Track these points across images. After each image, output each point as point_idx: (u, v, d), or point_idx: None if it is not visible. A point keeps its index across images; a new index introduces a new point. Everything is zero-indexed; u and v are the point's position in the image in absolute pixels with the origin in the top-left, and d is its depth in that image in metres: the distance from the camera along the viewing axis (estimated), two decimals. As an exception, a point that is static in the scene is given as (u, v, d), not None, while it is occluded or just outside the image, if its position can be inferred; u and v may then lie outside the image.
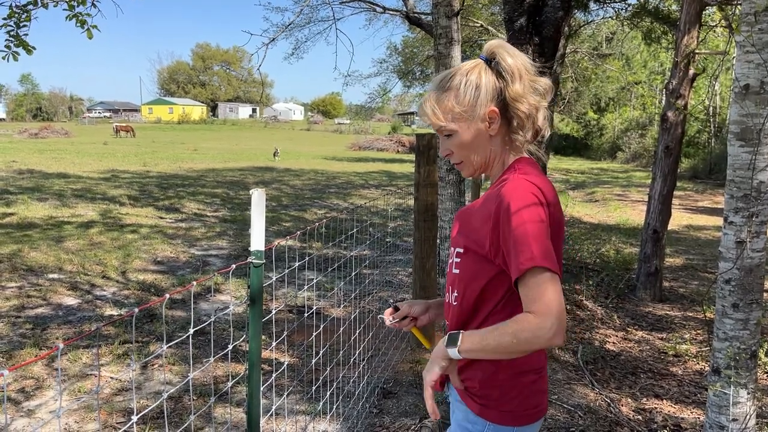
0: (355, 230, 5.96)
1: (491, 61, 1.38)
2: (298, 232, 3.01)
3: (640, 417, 3.64)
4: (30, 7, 3.64)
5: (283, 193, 14.05)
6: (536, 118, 1.38)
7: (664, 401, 3.90)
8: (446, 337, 1.36)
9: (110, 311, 5.20)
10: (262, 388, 1.79)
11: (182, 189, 13.71)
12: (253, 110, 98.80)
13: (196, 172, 18.05)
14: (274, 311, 2.91)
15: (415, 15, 7.79)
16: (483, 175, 1.51)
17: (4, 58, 3.69)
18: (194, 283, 1.51)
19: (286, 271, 4.84)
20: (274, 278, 6.26)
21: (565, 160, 31.31)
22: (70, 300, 5.44)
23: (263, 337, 4.57)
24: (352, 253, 6.63)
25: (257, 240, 1.59)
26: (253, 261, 1.60)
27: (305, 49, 13.45)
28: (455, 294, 1.46)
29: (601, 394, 3.92)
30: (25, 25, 3.69)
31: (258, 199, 1.57)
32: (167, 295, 1.36)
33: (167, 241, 8.01)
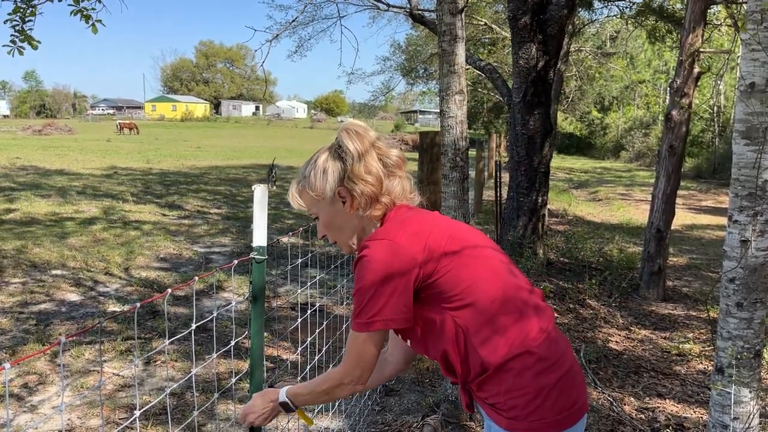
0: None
1: (335, 150, 1.47)
2: (301, 229, 3.02)
3: (642, 416, 3.63)
4: (35, 1, 3.64)
5: (287, 191, 14.01)
6: (379, 194, 1.44)
7: (667, 400, 3.90)
8: (280, 405, 1.55)
9: (113, 308, 5.20)
10: (264, 385, 1.79)
11: (185, 186, 13.72)
12: (257, 108, 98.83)
13: (199, 169, 18.06)
14: (276, 308, 2.91)
15: (419, 12, 7.78)
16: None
17: (9, 53, 3.70)
18: (196, 278, 1.51)
19: (289, 267, 4.85)
20: (275, 275, 6.26)
21: (568, 159, 31.26)
22: (73, 296, 5.45)
23: (265, 334, 4.57)
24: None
25: (260, 236, 1.59)
26: (256, 257, 1.60)
27: (308, 47, 13.48)
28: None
29: (603, 393, 3.91)
30: (30, 20, 3.69)
31: (260, 195, 1.57)
32: (169, 290, 1.36)
33: (170, 238, 8.01)
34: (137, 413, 1.38)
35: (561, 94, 12.45)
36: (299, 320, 2.62)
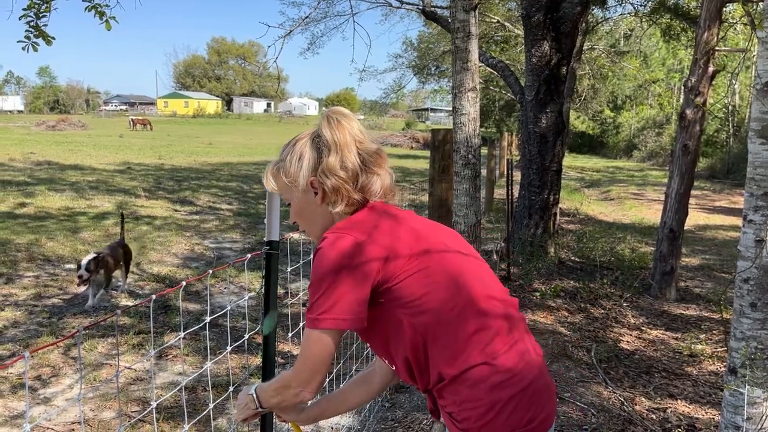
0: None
1: (314, 137, 1.41)
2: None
3: (654, 416, 3.61)
4: (49, -3, 3.68)
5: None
6: (352, 191, 1.37)
7: (679, 401, 3.87)
8: (249, 396, 1.51)
9: (125, 302, 5.24)
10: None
11: (196, 182, 13.79)
12: (268, 105, 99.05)
13: (211, 165, 18.14)
14: (288, 304, 2.92)
15: (432, 10, 7.76)
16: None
17: (24, 48, 3.73)
18: (210, 271, 1.52)
19: (301, 263, 4.85)
20: (288, 270, 6.27)
21: (579, 158, 31.08)
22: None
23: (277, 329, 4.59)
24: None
25: (273, 231, 1.60)
26: (269, 251, 1.61)
27: (321, 44, 13.49)
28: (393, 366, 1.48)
29: (614, 392, 3.90)
30: (44, 16, 3.72)
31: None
32: (183, 283, 1.37)
33: (181, 234, 8.06)
34: (153, 404, 1.39)
35: (573, 93, 12.39)
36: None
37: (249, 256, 1.69)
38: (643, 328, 5.30)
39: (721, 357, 4.64)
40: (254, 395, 1.49)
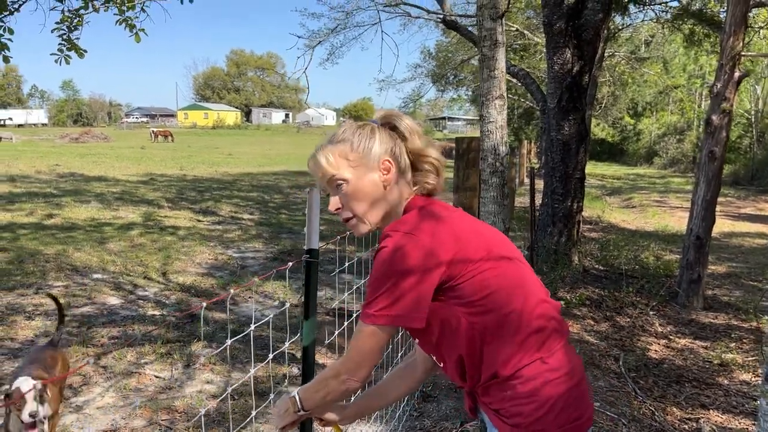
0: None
1: (385, 123, 1.44)
2: (338, 237, 3.03)
3: (686, 426, 3.56)
4: (82, 11, 3.76)
5: (317, 197, 14.14)
6: (409, 176, 1.45)
7: (711, 411, 3.81)
8: (290, 399, 1.52)
9: (152, 311, 5.30)
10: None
11: (218, 192, 13.91)
12: (286, 116, 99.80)
13: (232, 176, 18.31)
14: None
15: (452, 19, 7.79)
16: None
17: (56, 61, 3.82)
18: (255, 279, 1.54)
19: (336, 272, 4.87)
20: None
21: (600, 165, 30.83)
22: (114, 299, 5.57)
23: (301, 338, 4.61)
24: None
25: (313, 239, 1.61)
26: (309, 260, 1.62)
27: (340, 54, 13.59)
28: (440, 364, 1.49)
29: (644, 402, 3.84)
30: (76, 29, 3.81)
31: (314, 198, 1.59)
32: (231, 291, 1.38)
33: (205, 243, 8.14)
34: (202, 411, 1.41)
35: (594, 100, 12.31)
36: (345, 326, 2.64)
37: (290, 264, 1.70)
38: (671, 337, 5.22)
39: (752, 366, 4.55)
40: (297, 397, 1.50)
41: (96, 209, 10.47)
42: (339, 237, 2.80)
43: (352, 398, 1.60)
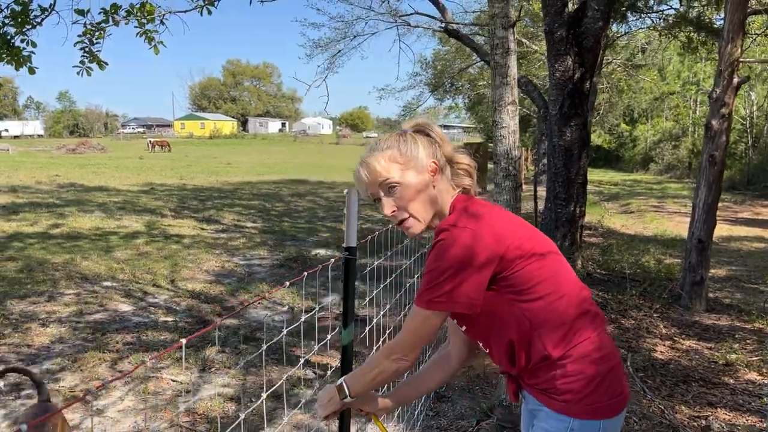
0: (402, 244, 6.04)
1: (418, 131, 1.55)
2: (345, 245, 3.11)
3: (695, 424, 3.63)
4: (103, 24, 3.85)
5: (318, 205, 14.24)
6: (450, 178, 1.57)
7: (719, 409, 3.89)
8: (336, 388, 1.61)
9: (164, 318, 5.36)
10: (312, 391, 1.87)
11: (219, 201, 13.98)
12: (283, 125, 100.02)
13: (232, 185, 18.37)
14: (322, 318, 3.01)
15: (454, 28, 7.91)
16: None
17: (78, 73, 3.91)
18: (287, 283, 1.61)
19: (367, 279, 4.94)
20: (317, 286, 6.38)
21: (596, 171, 31.01)
22: (125, 306, 5.63)
23: (311, 343, 4.68)
24: (405, 263, 6.70)
25: (351, 237, 1.69)
26: (348, 257, 1.70)
27: (340, 64, 13.72)
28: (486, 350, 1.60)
29: (653, 401, 3.92)
30: (98, 42, 3.90)
31: (352, 198, 1.67)
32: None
33: (210, 251, 8.20)
34: (242, 415, 1.48)
35: (593, 107, 12.44)
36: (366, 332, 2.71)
37: (306, 274, 1.78)
38: (675, 339, 5.30)
39: (757, 366, 4.64)
40: (344, 384, 1.60)
41: (100, 218, 10.52)
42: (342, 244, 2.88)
43: (391, 387, 1.67)
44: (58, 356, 4.34)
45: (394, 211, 1.51)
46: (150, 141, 43.22)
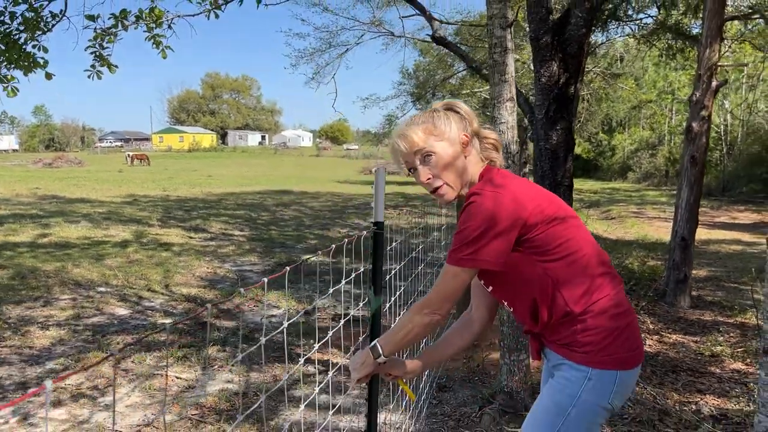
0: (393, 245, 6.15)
1: (448, 109, 1.69)
2: (333, 246, 3.22)
3: (686, 408, 3.78)
4: (113, 29, 3.92)
5: (304, 214, 14.30)
6: (480, 149, 1.70)
7: (707, 395, 4.05)
8: (370, 349, 1.71)
9: (162, 320, 5.40)
10: (320, 387, 1.96)
11: (205, 211, 13.97)
12: (263, 137, 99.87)
13: (215, 195, 18.35)
14: (317, 318, 3.10)
15: (441, 36, 8.09)
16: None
17: (89, 76, 3.98)
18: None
19: (358, 279, 5.03)
20: (308, 289, 6.45)
21: (575, 180, 31.39)
22: (122, 310, 5.66)
23: (311, 341, 4.76)
24: (395, 268, 6.81)
25: (379, 212, 1.81)
26: (376, 231, 1.81)
27: (325, 74, 13.86)
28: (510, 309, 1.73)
29: (645, 388, 4.07)
30: (108, 46, 3.98)
31: (380, 175, 1.79)
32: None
33: (201, 258, 8.23)
34: (240, 416, 1.57)
35: (577, 112, 12.71)
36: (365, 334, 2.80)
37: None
38: (662, 333, 5.48)
39: (741, 357, 4.82)
40: (378, 344, 1.70)
41: (86, 228, 10.48)
42: (334, 246, 2.99)
43: (417, 353, 1.78)
44: (61, 356, 4.37)
45: (429, 179, 1.63)
46: (128, 155, 42.87)
